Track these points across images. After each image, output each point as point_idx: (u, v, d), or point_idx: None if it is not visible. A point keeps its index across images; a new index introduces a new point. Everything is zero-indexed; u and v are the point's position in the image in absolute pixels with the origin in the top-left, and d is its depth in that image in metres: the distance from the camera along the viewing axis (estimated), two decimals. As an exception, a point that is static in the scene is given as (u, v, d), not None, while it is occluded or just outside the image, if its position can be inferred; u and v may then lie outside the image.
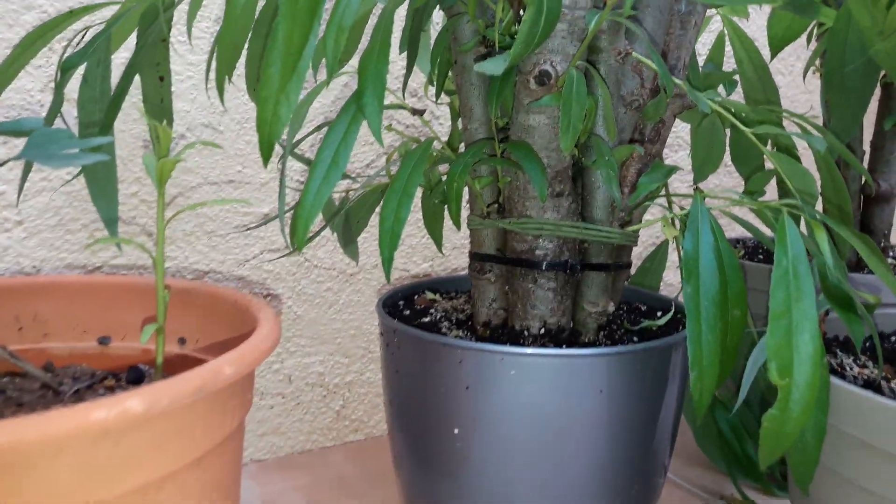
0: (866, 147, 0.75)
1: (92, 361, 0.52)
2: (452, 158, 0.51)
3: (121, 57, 0.70)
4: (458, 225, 0.49)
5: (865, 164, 0.75)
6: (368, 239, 0.81)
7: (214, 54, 0.52)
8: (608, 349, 0.47)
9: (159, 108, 0.65)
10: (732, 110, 0.61)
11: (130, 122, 0.71)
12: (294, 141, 0.58)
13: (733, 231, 1.01)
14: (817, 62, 0.75)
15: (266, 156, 0.42)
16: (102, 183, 0.59)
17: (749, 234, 0.81)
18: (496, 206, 0.54)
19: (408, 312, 0.58)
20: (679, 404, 0.54)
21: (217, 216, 0.76)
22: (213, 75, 0.72)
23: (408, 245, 0.86)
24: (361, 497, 0.71)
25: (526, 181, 0.50)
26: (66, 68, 0.57)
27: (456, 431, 0.48)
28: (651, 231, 1.03)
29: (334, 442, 0.85)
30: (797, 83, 1.06)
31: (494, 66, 0.44)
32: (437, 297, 0.63)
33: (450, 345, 0.48)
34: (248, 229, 0.71)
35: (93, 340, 0.53)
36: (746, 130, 0.50)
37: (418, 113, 0.52)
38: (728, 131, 0.63)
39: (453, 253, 0.88)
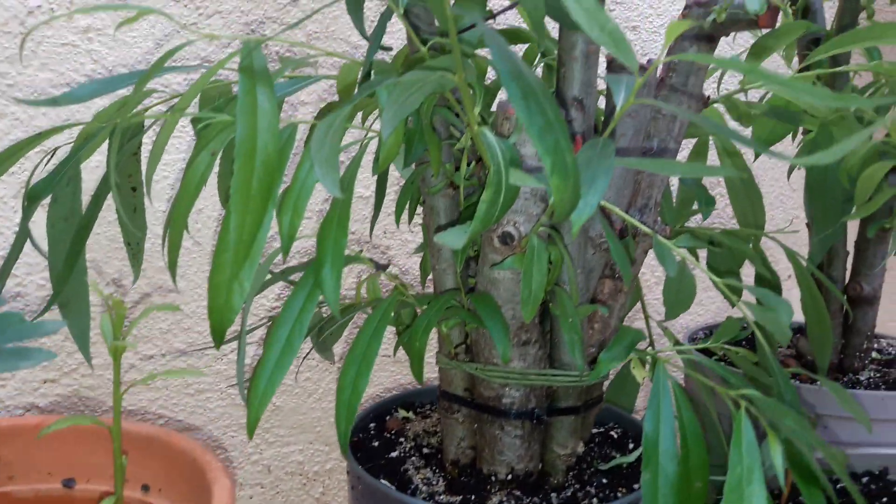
0: (850, 247, 0.74)
1: None
2: (416, 304, 0.51)
3: (94, 160, 0.69)
4: (419, 380, 0.49)
5: (849, 265, 0.74)
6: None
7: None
8: (571, 515, 0.46)
9: (132, 217, 0.64)
10: (708, 235, 0.60)
11: (105, 225, 0.71)
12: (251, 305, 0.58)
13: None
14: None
15: (218, 341, 0.41)
16: (74, 304, 0.59)
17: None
18: (464, 346, 0.53)
19: (377, 444, 0.58)
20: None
21: (194, 312, 0.75)
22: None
23: (390, 330, 0.85)
24: None
25: (492, 331, 0.50)
26: (32, 198, 0.57)
27: (417, 592, 0.47)
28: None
29: (314, 529, 0.85)
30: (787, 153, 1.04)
31: (455, 240, 0.43)
32: (411, 414, 0.63)
33: (411, 505, 0.47)
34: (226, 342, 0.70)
35: (57, 482, 0.52)
36: (718, 282, 0.49)
37: (382, 268, 0.52)
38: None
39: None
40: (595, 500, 0.52)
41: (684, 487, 0.42)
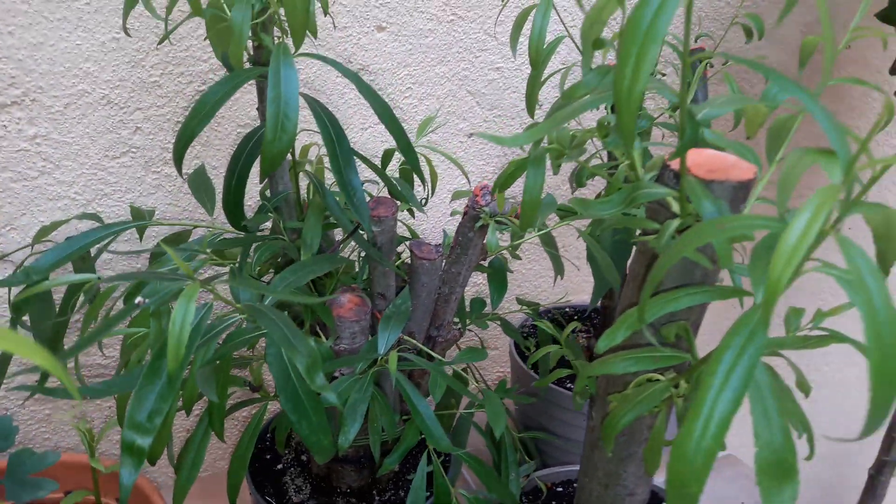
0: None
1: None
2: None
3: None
4: (282, 452, 0.77)
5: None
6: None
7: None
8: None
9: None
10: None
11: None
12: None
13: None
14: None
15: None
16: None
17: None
18: (319, 413, 0.81)
19: (269, 456, 0.87)
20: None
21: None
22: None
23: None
24: None
25: (332, 416, 0.77)
26: (16, 310, 0.80)
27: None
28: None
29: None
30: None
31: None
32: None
33: (279, 521, 0.78)
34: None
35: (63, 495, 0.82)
36: (455, 391, 0.76)
37: (255, 390, 0.77)
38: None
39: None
40: (405, 500, 0.83)
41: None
